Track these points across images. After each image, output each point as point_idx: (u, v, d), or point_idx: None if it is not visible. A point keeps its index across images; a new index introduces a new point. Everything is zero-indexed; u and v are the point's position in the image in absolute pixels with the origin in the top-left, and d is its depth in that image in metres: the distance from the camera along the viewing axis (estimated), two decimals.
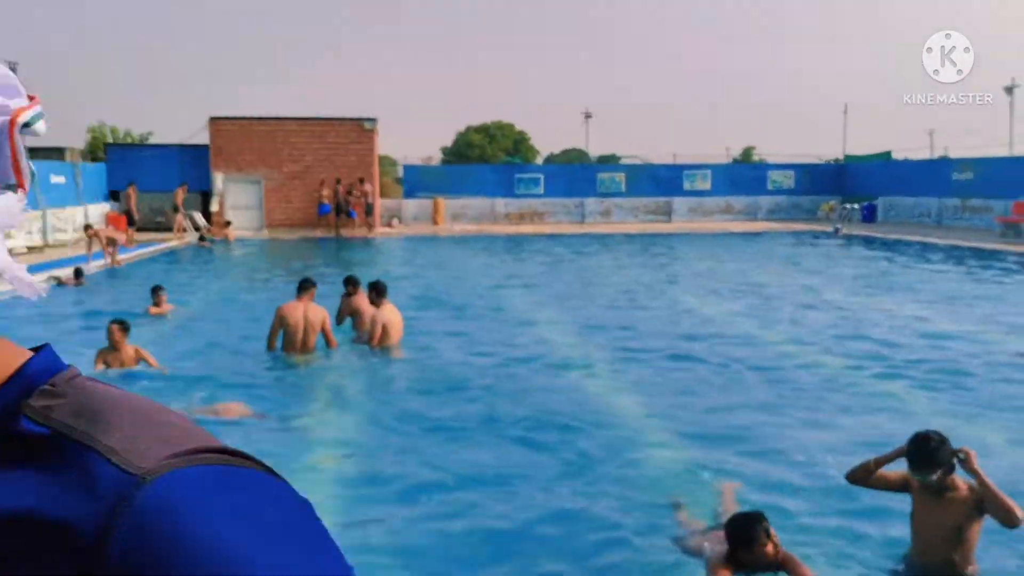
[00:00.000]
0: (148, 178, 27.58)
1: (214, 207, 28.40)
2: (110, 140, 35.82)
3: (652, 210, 33.69)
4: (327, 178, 28.61)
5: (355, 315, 10.10)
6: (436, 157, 60.39)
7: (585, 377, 8.60)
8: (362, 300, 9.96)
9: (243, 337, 10.33)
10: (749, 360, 9.06)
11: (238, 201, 29.00)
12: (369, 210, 28.62)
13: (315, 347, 9.12)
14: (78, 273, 15.22)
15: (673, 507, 5.23)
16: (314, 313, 9.11)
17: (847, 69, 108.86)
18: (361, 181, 28.50)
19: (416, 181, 33.27)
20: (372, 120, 29.74)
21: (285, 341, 9.06)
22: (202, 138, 29.21)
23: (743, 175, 35.71)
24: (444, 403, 7.54)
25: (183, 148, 29.58)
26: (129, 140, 37.13)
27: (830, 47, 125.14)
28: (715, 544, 4.34)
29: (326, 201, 28.25)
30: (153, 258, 20.94)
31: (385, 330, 9.21)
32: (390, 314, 9.38)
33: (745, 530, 4.00)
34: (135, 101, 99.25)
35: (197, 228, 26.69)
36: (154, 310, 11.87)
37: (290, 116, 29.56)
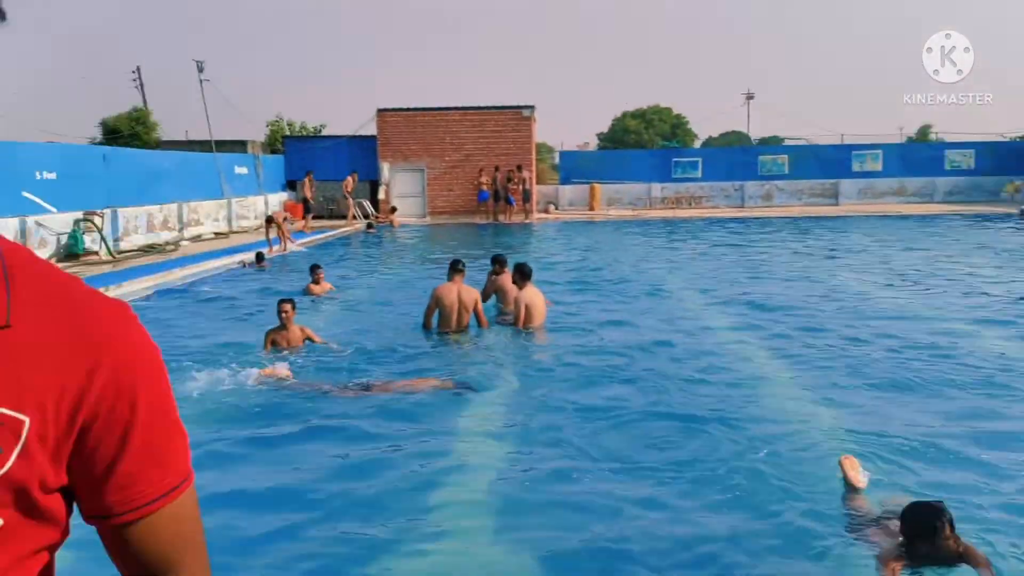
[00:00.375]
0: (322, 168, 29.21)
1: (381, 195, 29.73)
2: (288, 133, 38.10)
3: (817, 192, 32.37)
4: (486, 166, 29.33)
5: (500, 294, 10.52)
6: (592, 143, 60.38)
7: (742, 363, 8.42)
8: (507, 280, 10.27)
9: (401, 315, 10.94)
10: (926, 352, 8.55)
11: (403, 189, 30.22)
12: (527, 196, 29.10)
13: (468, 326, 9.58)
14: (260, 257, 16.41)
15: (844, 496, 4.89)
16: (467, 294, 9.57)
17: None
18: (519, 168, 29.00)
19: (572, 167, 33.46)
20: (530, 108, 30.17)
21: (440, 320, 9.57)
22: (370, 129, 30.61)
23: (918, 155, 33.64)
24: (591, 386, 7.56)
25: (353, 139, 31.09)
26: (304, 132, 39.36)
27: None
28: (885, 535, 4.08)
29: (485, 188, 28.95)
30: (326, 244, 22.17)
31: (528, 311, 9.45)
32: (533, 296, 9.60)
33: (927, 521, 3.74)
34: (310, 96, 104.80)
35: (366, 216, 28.02)
36: (313, 288, 12.61)
37: (452, 106, 30.45)
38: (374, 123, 30.30)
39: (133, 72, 40.96)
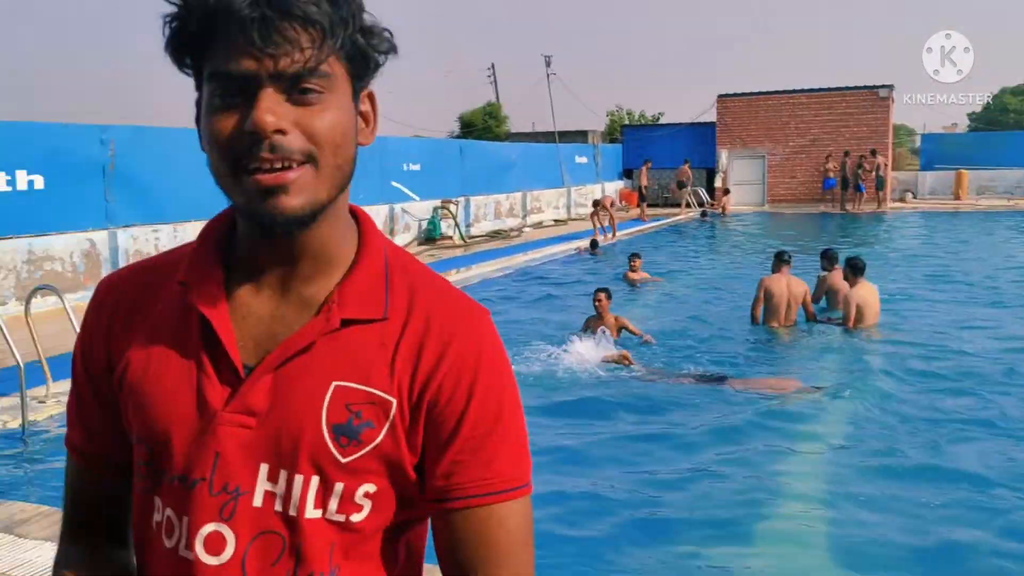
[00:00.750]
0: (659, 156, 29.27)
1: (717, 183, 29.12)
2: (626, 122, 38.71)
3: None
4: (834, 151, 27.44)
5: (830, 293, 9.93)
6: (962, 124, 53.98)
7: None
8: (837, 277, 9.69)
9: (727, 306, 10.63)
10: None
11: (741, 176, 29.32)
12: (880, 184, 26.78)
13: (796, 320, 9.15)
14: (594, 244, 16.86)
15: None
16: (796, 286, 9.20)
17: None
18: (873, 153, 26.76)
19: (936, 151, 30.15)
20: (888, 87, 27.69)
21: (767, 313, 9.23)
22: (710, 117, 30.08)
23: None
24: (926, 392, 6.97)
25: (691, 127, 30.78)
26: (643, 122, 39.73)
27: None
28: None
29: (832, 175, 27.14)
30: (659, 232, 22.21)
31: (860, 311, 8.78)
32: (866, 294, 8.91)
33: None
34: (650, 85, 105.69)
35: (700, 204, 27.63)
36: (630, 275, 12.71)
37: (798, 89, 28.90)
38: (714, 110, 29.71)
39: (488, 69, 44.15)
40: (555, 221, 24.30)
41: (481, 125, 38.53)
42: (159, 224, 11.96)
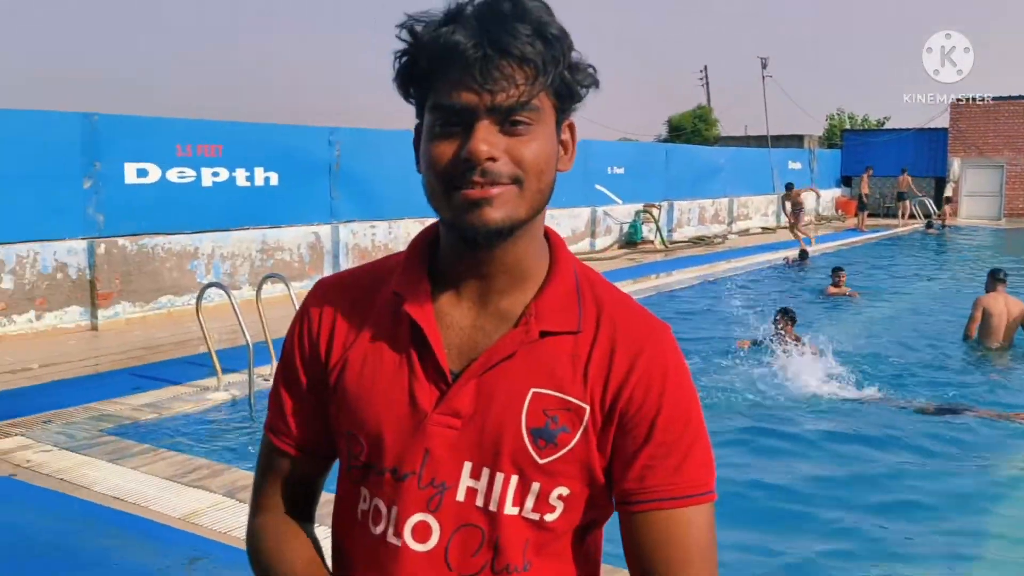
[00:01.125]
0: (881, 164, 27.51)
1: (947, 192, 26.97)
2: (847, 127, 36.65)
3: None
4: None
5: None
6: None
7: None
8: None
9: (939, 325, 9.98)
10: None
11: (975, 187, 27.02)
12: None
13: (1013, 342, 8.63)
14: (803, 255, 16.16)
15: None
16: (1014, 306, 8.71)
17: None
18: None
19: None
20: None
21: (983, 332, 8.74)
22: (941, 122, 27.92)
23: None
24: None
25: (919, 133, 28.68)
26: (866, 126, 37.46)
27: None
28: None
29: None
30: (878, 243, 20.92)
31: None
32: None
33: None
34: (875, 88, 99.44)
35: (927, 215, 25.72)
36: (832, 290, 12.13)
37: None
38: (946, 115, 27.52)
39: (700, 71, 43.30)
40: (763, 229, 23.49)
41: (690, 128, 37.88)
42: (376, 220, 12.74)
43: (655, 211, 19.04)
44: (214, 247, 10.60)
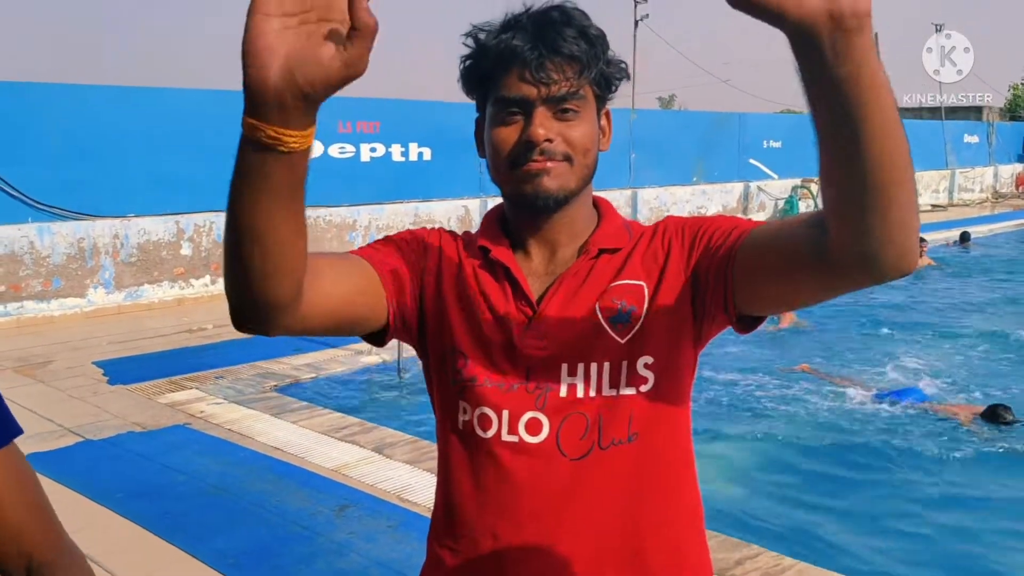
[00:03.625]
0: None
1: None
2: None
3: None
4: None
5: None
6: None
7: None
8: None
9: None
10: None
11: None
12: None
13: None
14: (964, 237, 15.15)
15: None
16: None
17: None
18: None
19: None
20: None
21: None
22: None
23: None
24: None
25: None
26: None
27: None
28: None
29: None
30: None
31: None
32: None
33: None
34: None
35: None
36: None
37: None
38: None
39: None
40: (932, 206, 22.09)
41: None
42: None
43: (813, 187, 18.28)
44: (371, 219, 11.10)
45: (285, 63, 0.80)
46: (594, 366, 1.17)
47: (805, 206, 18.09)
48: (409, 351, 6.74)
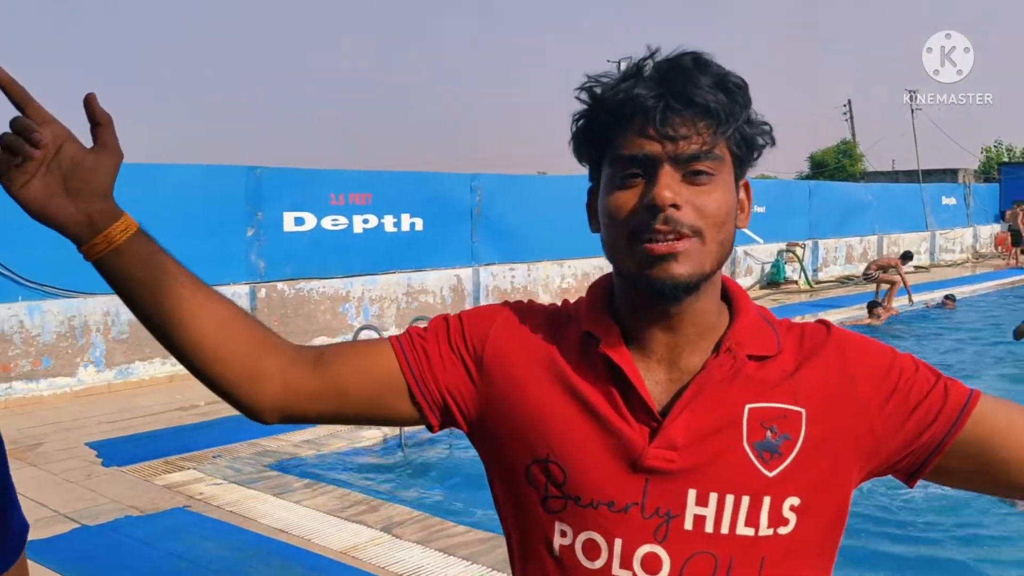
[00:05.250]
0: None
1: None
2: (1005, 159, 34.56)
3: None
4: None
5: None
6: None
7: None
8: None
9: None
10: None
11: None
12: None
13: None
14: (949, 297, 15.34)
15: None
16: None
17: None
18: None
19: None
20: None
21: None
22: None
23: None
24: None
25: None
26: None
27: None
28: None
29: None
30: None
31: None
32: None
33: None
34: None
35: None
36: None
37: None
38: None
39: (844, 105, 41.95)
40: (915, 268, 22.33)
41: (834, 164, 36.66)
42: (515, 263, 12.96)
43: (798, 250, 18.46)
44: (364, 290, 11.05)
45: (63, 196, 0.97)
46: (730, 498, 0.97)
47: (791, 269, 18.23)
48: (410, 426, 6.65)
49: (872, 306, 13.61)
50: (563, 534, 1.02)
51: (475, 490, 5.89)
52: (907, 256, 15.73)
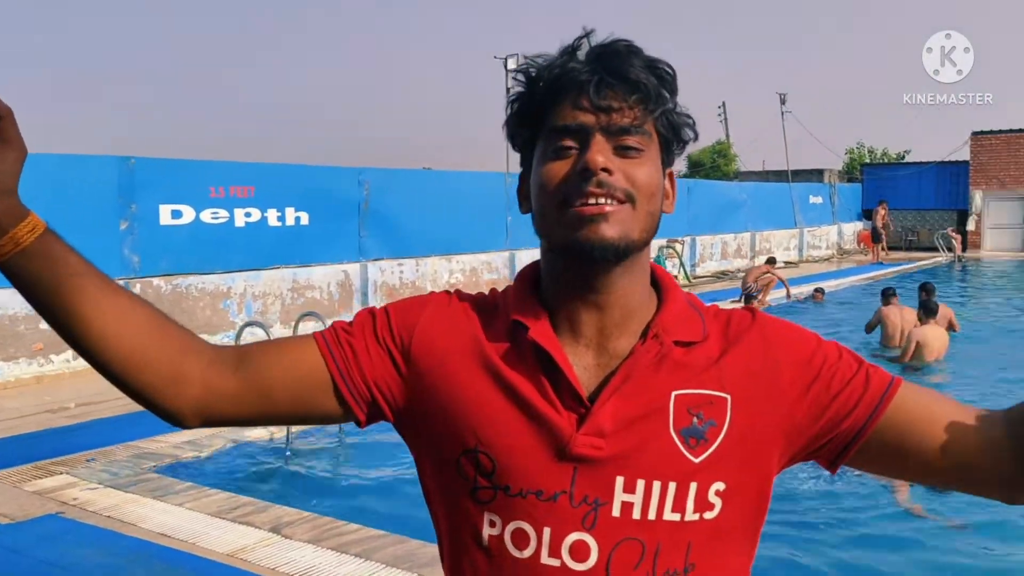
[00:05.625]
0: (902, 197, 27.54)
1: (970, 226, 26.88)
2: (867, 160, 36.67)
3: None
4: None
5: (882, 324, 10.59)
6: None
7: None
8: (893, 311, 10.45)
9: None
10: None
11: (998, 220, 26.92)
12: None
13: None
14: (819, 291, 16.19)
15: None
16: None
17: None
18: None
19: None
20: None
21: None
22: (962, 155, 27.92)
23: None
24: None
25: (940, 166, 28.68)
26: (886, 160, 37.47)
27: None
28: None
29: None
30: (901, 276, 20.82)
31: (919, 348, 9.28)
32: (929, 334, 9.34)
33: None
34: (895, 121, 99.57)
35: (950, 248, 25.62)
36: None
37: None
38: (967, 148, 27.53)
39: (719, 107, 43.54)
40: (785, 263, 23.45)
41: (709, 164, 38.03)
42: (403, 258, 12.88)
43: (678, 246, 19.09)
44: (246, 286, 10.75)
45: None
46: (657, 485, 0.98)
47: (671, 265, 18.81)
48: (299, 425, 6.48)
49: (747, 300, 14.24)
50: (492, 524, 1.01)
51: (367, 488, 5.85)
52: (772, 260, 16.56)
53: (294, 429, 6.53)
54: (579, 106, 0.98)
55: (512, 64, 16.83)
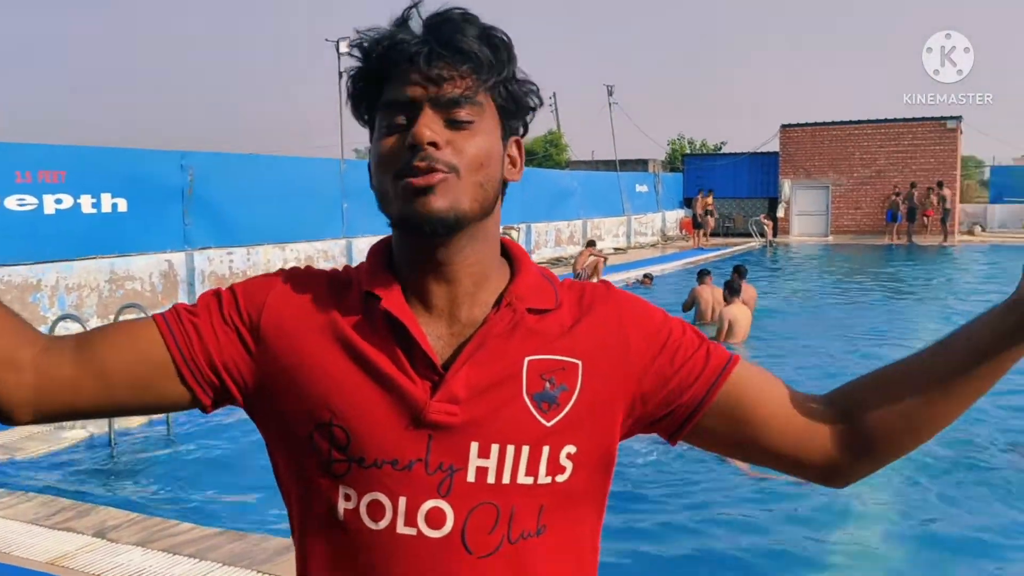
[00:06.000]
0: (721, 185, 29.18)
1: (780, 213, 28.86)
2: (688, 151, 38.60)
3: None
4: (900, 182, 27.04)
5: (696, 303, 11.41)
6: None
7: None
8: (705, 290, 11.27)
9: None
10: None
11: (805, 207, 29.03)
12: (947, 216, 26.28)
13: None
14: (647, 276, 16.93)
15: None
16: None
17: None
18: (940, 185, 26.31)
19: (1007, 184, 29.49)
20: (956, 119, 27.21)
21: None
22: (773, 146, 29.89)
23: None
24: None
25: (753, 156, 30.60)
26: (704, 151, 39.58)
27: None
28: None
29: (897, 207, 26.74)
30: (720, 260, 22.09)
31: (731, 326, 9.85)
32: (738, 312, 9.95)
33: None
34: (712, 115, 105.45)
35: (762, 233, 27.42)
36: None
37: (863, 119, 28.59)
38: (777, 140, 29.54)
39: (550, 98, 44.51)
40: (615, 249, 24.35)
41: (542, 153, 38.85)
42: (233, 247, 12.38)
43: (514, 233, 19.39)
44: (58, 278, 10.01)
45: None
46: (511, 449, 0.99)
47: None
48: (122, 421, 6.11)
49: (647, 276, 15.42)
50: (347, 498, 1.01)
51: (199, 486, 5.60)
52: (591, 243, 17.22)
53: (116, 427, 6.16)
54: (410, 80, 0.97)
55: (344, 48, 16.45)
